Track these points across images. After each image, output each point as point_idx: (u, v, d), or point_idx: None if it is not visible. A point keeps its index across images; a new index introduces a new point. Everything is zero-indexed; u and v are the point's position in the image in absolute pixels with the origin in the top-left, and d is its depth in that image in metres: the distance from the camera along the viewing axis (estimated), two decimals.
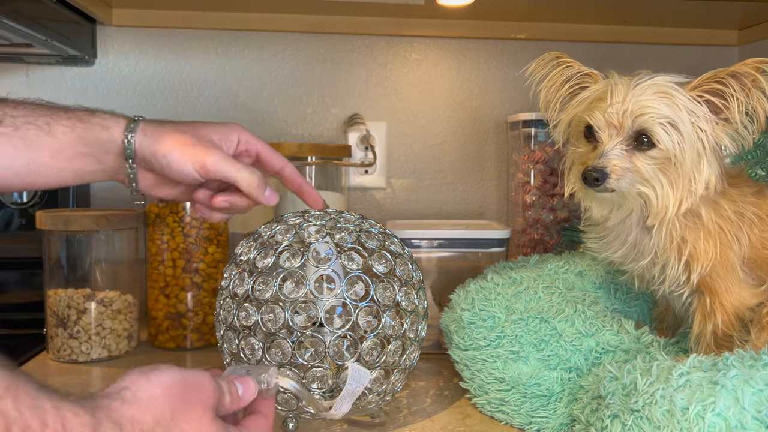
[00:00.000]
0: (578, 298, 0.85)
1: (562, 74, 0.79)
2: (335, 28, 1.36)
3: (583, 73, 0.78)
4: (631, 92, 0.72)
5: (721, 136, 0.72)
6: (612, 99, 0.73)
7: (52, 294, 1.06)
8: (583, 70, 0.79)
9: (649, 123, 0.71)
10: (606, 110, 0.73)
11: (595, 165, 0.72)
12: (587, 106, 0.75)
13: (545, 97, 0.81)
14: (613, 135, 0.73)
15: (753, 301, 0.75)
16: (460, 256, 1.12)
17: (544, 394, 0.79)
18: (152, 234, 1.12)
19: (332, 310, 0.74)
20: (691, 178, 0.73)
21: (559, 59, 0.79)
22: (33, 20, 1.07)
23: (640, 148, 0.72)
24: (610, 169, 0.72)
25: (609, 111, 0.72)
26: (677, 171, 0.72)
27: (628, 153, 0.72)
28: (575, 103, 0.78)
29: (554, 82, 0.80)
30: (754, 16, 1.31)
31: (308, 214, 0.80)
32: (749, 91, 0.71)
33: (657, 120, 0.71)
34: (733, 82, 0.71)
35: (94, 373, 1.01)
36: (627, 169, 0.72)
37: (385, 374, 0.76)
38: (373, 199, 1.41)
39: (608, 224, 0.80)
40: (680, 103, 0.71)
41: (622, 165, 0.72)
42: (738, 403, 0.58)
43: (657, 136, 0.71)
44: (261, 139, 0.83)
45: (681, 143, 0.71)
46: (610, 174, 0.72)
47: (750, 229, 0.76)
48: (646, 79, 0.73)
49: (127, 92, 1.35)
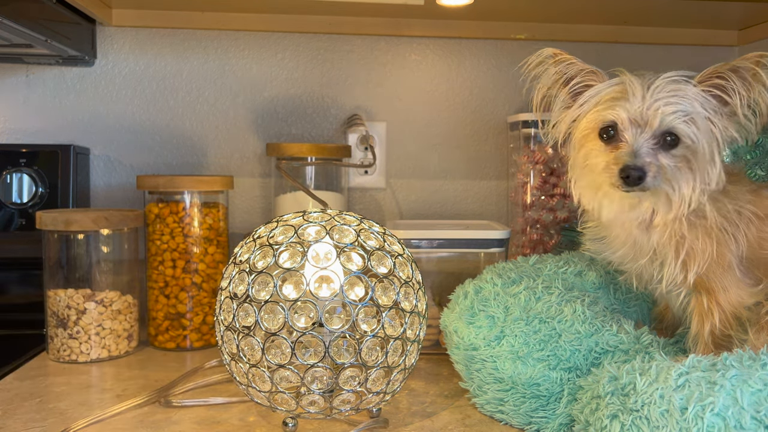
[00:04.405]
0: (578, 298, 0.85)
1: (565, 71, 0.78)
2: (335, 28, 1.36)
3: (588, 71, 0.78)
4: (650, 91, 0.72)
5: (729, 129, 0.73)
6: (634, 97, 0.72)
7: (51, 294, 1.06)
8: (586, 67, 0.78)
9: (675, 122, 0.72)
10: (631, 109, 0.72)
11: (635, 163, 0.71)
12: (605, 105, 0.75)
13: (543, 94, 0.80)
14: (638, 134, 0.72)
15: (750, 301, 0.75)
16: (459, 256, 1.12)
17: (543, 394, 0.79)
18: (152, 234, 1.12)
19: (332, 310, 0.74)
20: (706, 173, 0.73)
21: (557, 56, 0.78)
22: (33, 20, 1.07)
23: (665, 146, 0.73)
24: (647, 167, 0.71)
25: (634, 109, 0.72)
26: (694, 166, 0.73)
27: (654, 151, 0.72)
28: (582, 101, 0.77)
29: (555, 78, 0.79)
30: (754, 16, 1.31)
31: (308, 214, 0.80)
32: (750, 85, 0.72)
33: (682, 118, 0.72)
34: (734, 76, 0.72)
35: (94, 373, 1.01)
36: (658, 167, 0.72)
37: (385, 374, 0.76)
38: (373, 199, 1.41)
39: (610, 224, 0.80)
40: (695, 99, 0.72)
41: (655, 163, 0.72)
42: (737, 403, 0.58)
43: (683, 134, 0.72)
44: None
45: (699, 138, 0.72)
46: (648, 172, 0.71)
47: (747, 228, 0.76)
48: (660, 77, 0.73)
49: (127, 92, 1.35)
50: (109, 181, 1.36)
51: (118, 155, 1.35)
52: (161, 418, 0.83)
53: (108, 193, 1.35)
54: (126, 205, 1.34)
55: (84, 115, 1.35)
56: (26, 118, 1.34)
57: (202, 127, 1.36)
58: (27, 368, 1.02)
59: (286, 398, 0.75)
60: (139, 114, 1.36)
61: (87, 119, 1.35)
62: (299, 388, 0.74)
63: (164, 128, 1.36)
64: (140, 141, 1.36)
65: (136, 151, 1.36)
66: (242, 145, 1.36)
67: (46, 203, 1.24)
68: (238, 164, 1.37)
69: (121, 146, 1.35)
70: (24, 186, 1.23)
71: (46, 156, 1.24)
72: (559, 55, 0.78)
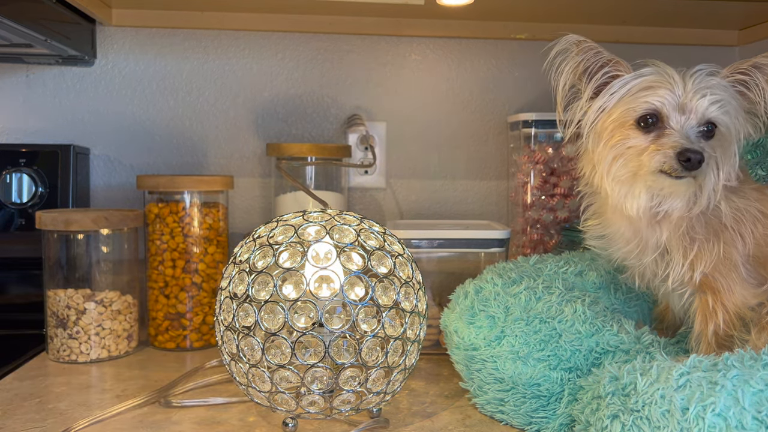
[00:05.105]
0: (578, 298, 0.85)
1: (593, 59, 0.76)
2: (335, 28, 1.36)
3: (614, 61, 0.77)
4: (690, 80, 0.72)
5: (746, 124, 0.74)
6: (676, 85, 0.72)
7: (51, 294, 1.06)
8: (613, 57, 0.77)
9: (717, 112, 0.72)
10: (674, 96, 0.72)
11: (693, 147, 0.70)
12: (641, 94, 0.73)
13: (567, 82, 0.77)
14: (684, 121, 0.72)
15: (754, 301, 0.75)
16: (460, 257, 1.12)
17: (543, 395, 0.79)
18: (152, 234, 1.12)
19: (332, 310, 0.74)
20: (729, 166, 0.74)
21: (581, 44, 0.76)
22: (33, 20, 1.07)
23: (705, 136, 0.73)
24: (704, 151, 0.70)
25: (678, 97, 0.72)
26: (720, 159, 0.73)
27: (698, 139, 0.72)
28: (612, 90, 0.76)
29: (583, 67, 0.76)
30: (754, 16, 1.31)
31: (308, 214, 0.80)
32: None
33: (721, 109, 0.72)
34: (757, 73, 0.73)
35: (94, 373, 1.01)
36: (708, 155, 0.71)
37: (385, 374, 0.76)
38: (373, 199, 1.41)
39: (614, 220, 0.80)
40: (727, 92, 0.73)
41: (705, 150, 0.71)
42: (738, 403, 0.57)
43: (722, 124, 0.72)
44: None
45: (732, 130, 0.73)
46: (705, 156, 0.70)
47: (754, 226, 0.76)
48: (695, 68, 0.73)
49: (127, 92, 1.35)
50: (109, 181, 1.35)
51: (118, 155, 1.35)
52: (161, 419, 0.83)
53: (108, 193, 1.35)
54: (126, 205, 1.34)
55: (84, 115, 1.35)
56: (26, 118, 1.33)
57: (202, 127, 1.36)
58: (27, 368, 1.02)
59: (286, 398, 0.75)
60: (139, 114, 1.36)
61: (87, 119, 1.35)
62: (299, 388, 0.74)
63: (164, 128, 1.36)
64: (140, 141, 1.36)
65: (136, 151, 1.36)
66: (242, 145, 1.36)
67: (46, 203, 1.24)
68: (238, 164, 1.37)
69: (121, 146, 1.35)
70: (24, 186, 1.23)
71: (46, 156, 1.24)
72: (583, 43, 0.76)
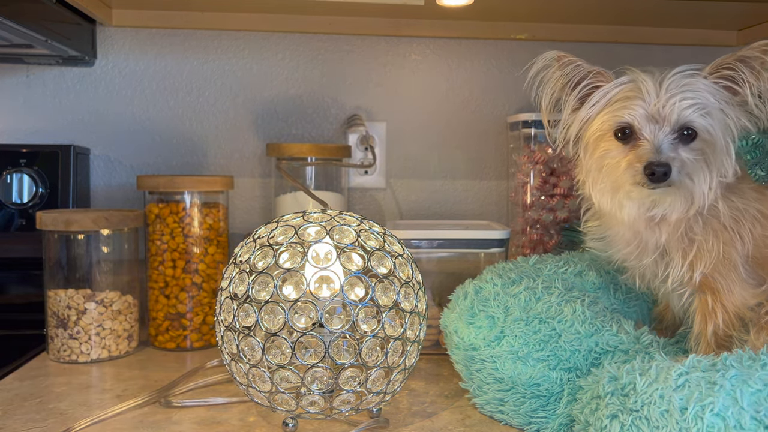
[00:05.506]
0: (578, 299, 0.85)
1: (571, 73, 0.78)
2: (335, 28, 1.36)
3: (594, 72, 0.78)
4: (663, 86, 0.73)
5: (741, 118, 0.74)
6: (648, 95, 0.73)
7: (52, 294, 1.06)
8: (592, 68, 0.78)
9: (692, 116, 0.72)
10: (647, 106, 0.72)
11: (659, 159, 0.71)
12: (618, 105, 0.74)
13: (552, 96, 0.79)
14: (657, 130, 0.72)
15: (753, 301, 0.76)
16: (459, 257, 1.12)
17: (543, 395, 0.79)
18: (152, 234, 1.12)
19: (332, 310, 0.74)
20: (722, 165, 0.74)
21: (561, 59, 0.78)
22: (33, 21, 1.07)
23: (684, 140, 0.73)
24: (672, 162, 0.71)
25: (650, 107, 0.72)
26: (710, 159, 0.73)
27: (674, 146, 0.73)
28: (592, 102, 0.77)
29: (563, 82, 0.78)
30: (753, 16, 1.31)
31: (308, 214, 0.80)
32: (759, 74, 0.73)
33: (698, 111, 0.72)
34: (742, 66, 0.73)
35: (94, 373, 1.01)
36: (681, 162, 0.72)
37: (385, 374, 0.76)
38: (373, 200, 1.41)
39: (614, 222, 0.80)
40: (708, 91, 0.73)
41: (677, 157, 0.72)
42: (737, 403, 0.58)
43: (700, 127, 0.72)
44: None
45: (716, 130, 0.73)
46: (673, 167, 0.71)
47: (753, 226, 0.76)
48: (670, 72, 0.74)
49: (127, 92, 1.35)
50: (109, 181, 1.36)
51: (118, 155, 1.36)
52: (161, 419, 0.83)
53: (108, 193, 1.36)
54: (126, 205, 1.34)
55: (84, 115, 1.35)
56: (26, 118, 1.34)
57: (202, 127, 1.36)
58: (27, 368, 1.02)
59: (286, 398, 0.75)
60: (139, 114, 1.36)
61: (87, 119, 1.35)
62: (299, 388, 0.74)
63: (164, 128, 1.36)
64: (140, 141, 1.36)
65: (136, 151, 1.36)
66: (242, 145, 1.36)
67: (46, 203, 1.24)
68: (238, 164, 1.37)
69: (121, 146, 1.35)
70: (24, 186, 1.23)
71: (46, 156, 1.25)
72: (563, 58, 0.78)
